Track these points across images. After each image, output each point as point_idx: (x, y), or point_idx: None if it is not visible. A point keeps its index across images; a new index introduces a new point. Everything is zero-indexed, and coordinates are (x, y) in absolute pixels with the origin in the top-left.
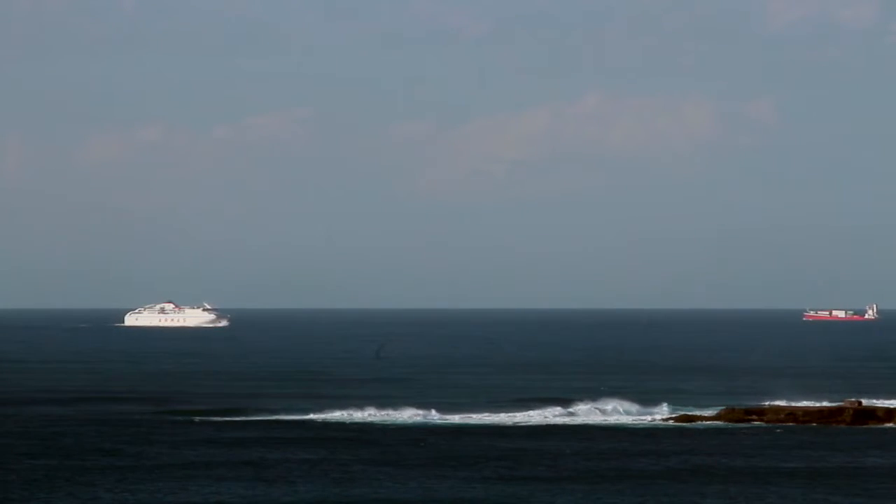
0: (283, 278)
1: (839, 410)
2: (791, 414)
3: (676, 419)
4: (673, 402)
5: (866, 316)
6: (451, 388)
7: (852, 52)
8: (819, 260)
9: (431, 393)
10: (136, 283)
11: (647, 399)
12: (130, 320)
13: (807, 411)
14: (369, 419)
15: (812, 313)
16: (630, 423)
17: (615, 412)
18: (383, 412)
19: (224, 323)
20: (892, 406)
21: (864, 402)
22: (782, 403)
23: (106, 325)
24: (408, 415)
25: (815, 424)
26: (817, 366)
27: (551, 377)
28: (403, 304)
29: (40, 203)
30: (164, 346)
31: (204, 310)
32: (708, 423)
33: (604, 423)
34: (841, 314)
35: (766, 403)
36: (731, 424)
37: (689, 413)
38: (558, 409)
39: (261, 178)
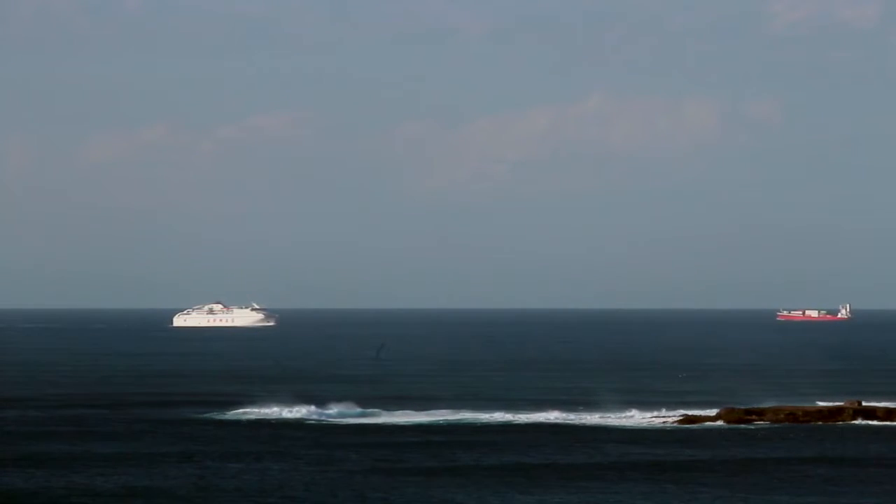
0: (284, 278)
1: (839, 410)
2: (791, 414)
3: (680, 420)
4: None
5: (839, 316)
6: (521, 388)
7: (854, 53)
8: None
9: (504, 393)
10: (139, 284)
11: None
12: (179, 321)
13: (807, 411)
14: (491, 420)
15: (785, 313)
16: (637, 424)
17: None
18: (508, 413)
19: (272, 322)
20: (892, 406)
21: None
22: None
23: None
24: (551, 417)
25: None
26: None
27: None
28: (403, 305)
29: (42, 203)
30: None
31: (252, 309)
32: (709, 423)
33: (613, 425)
34: (814, 314)
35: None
36: (732, 425)
37: (691, 414)
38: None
39: (263, 178)
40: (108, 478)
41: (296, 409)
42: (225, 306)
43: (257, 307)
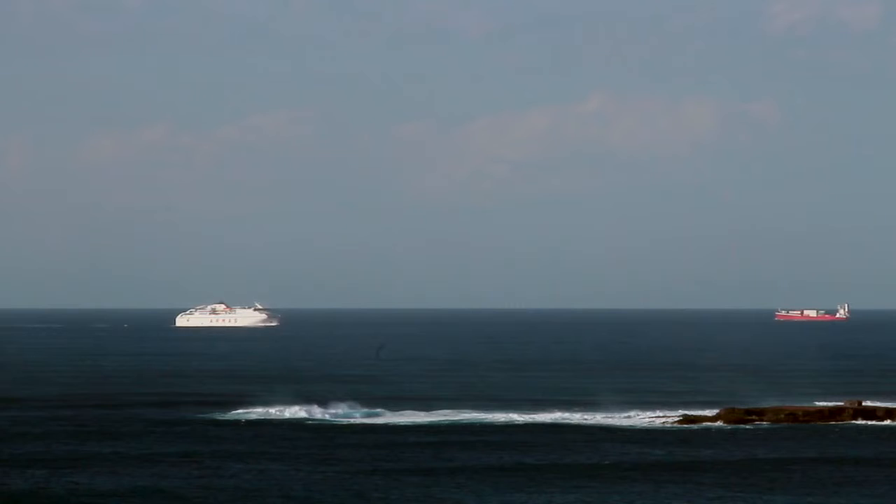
0: (284, 278)
1: (839, 410)
2: (791, 414)
3: (680, 420)
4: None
5: (837, 315)
6: (521, 388)
7: (854, 53)
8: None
9: (504, 393)
10: (140, 284)
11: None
12: (182, 321)
13: (807, 411)
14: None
15: (784, 313)
16: (637, 424)
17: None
18: (518, 413)
19: (275, 323)
20: (892, 406)
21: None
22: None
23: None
24: (551, 417)
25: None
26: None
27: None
28: (404, 305)
29: (42, 203)
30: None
31: (255, 309)
32: (709, 424)
33: (613, 425)
34: (812, 314)
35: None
36: (732, 425)
37: (691, 414)
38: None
39: (263, 178)
40: (108, 478)
41: (297, 409)
42: (228, 306)
43: (260, 307)
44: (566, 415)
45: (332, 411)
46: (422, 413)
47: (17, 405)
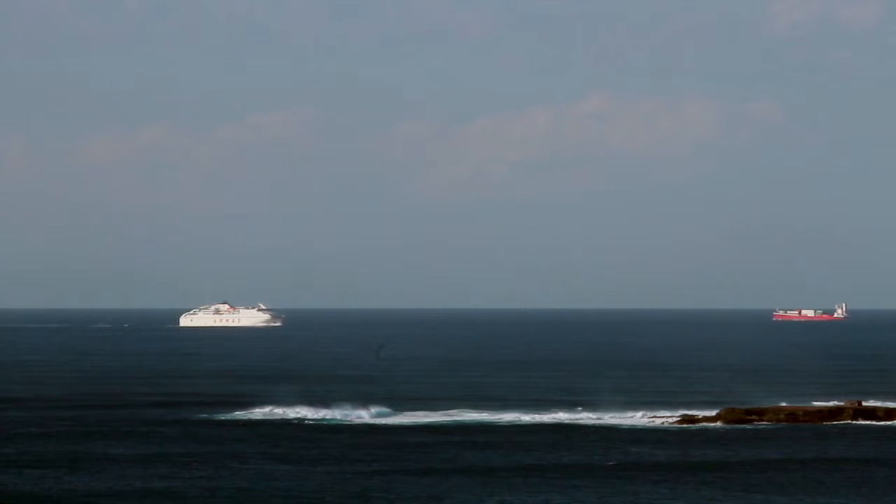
0: (284, 278)
1: (839, 410)
2: (791, 414)
3: (680, 420)
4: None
5: (835, 315)
6: (521, 388)
7: (854, 53)
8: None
9: (504, 393)
10: (141, 283)
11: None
12: (185, 321)
13: (807, 411)
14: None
15: (782, 313)
16: (637, 424)
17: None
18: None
19: (279, 323)
20: (892, 406)
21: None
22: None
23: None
24: (552, 417)
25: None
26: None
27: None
28: (403, 305)
29: (42, 203)
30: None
31: (259, 310)
32: (709, 424)
33: (613, 425)
34: (810, 313)
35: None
36: (732, 425)
37: (691, 414)
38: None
39: (263, 178)
40: (108, 478)
41: (297, 409)
42: (231, 306)
43: (263, 307)
44: (566, 415)
45: (333, 411)
46: (421, 413)
47: (17, 405)
